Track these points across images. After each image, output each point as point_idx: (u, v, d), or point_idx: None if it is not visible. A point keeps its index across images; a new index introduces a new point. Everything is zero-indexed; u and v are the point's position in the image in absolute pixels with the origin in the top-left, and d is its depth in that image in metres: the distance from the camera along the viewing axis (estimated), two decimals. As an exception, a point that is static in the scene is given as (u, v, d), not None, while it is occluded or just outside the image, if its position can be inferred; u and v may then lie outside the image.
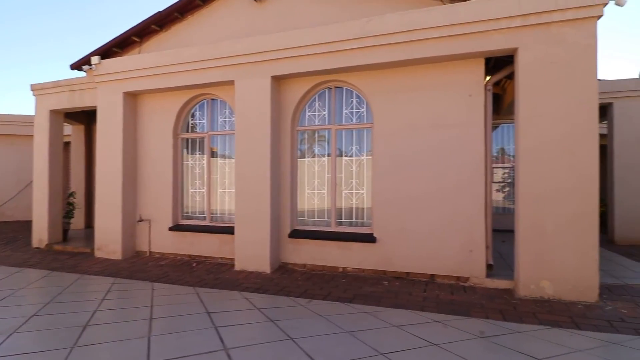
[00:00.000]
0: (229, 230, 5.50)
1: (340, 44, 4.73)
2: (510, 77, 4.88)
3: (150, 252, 6.15)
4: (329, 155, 5.34)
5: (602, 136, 8.08)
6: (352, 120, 5.24)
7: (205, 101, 6.07)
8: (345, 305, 3.68)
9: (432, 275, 4.61)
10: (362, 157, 5.20)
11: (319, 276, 4.83)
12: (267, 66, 5.16)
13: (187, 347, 2.64)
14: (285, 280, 4.64)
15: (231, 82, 5.44)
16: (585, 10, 3.88)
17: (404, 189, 4.72)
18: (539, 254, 3.92)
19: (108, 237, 6.06)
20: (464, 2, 4.42)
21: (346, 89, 5.27)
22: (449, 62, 4.58)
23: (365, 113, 5.16)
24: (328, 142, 5.37)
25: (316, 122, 5.42)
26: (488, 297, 3.94)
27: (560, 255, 3.85)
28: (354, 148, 5.24)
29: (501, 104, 7.58)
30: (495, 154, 9.23)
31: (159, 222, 6.11)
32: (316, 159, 5.45)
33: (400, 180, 4.75)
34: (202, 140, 6.12)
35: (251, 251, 5.15)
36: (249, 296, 3.98)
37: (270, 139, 5.13)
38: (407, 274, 4.71)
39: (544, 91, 4.00)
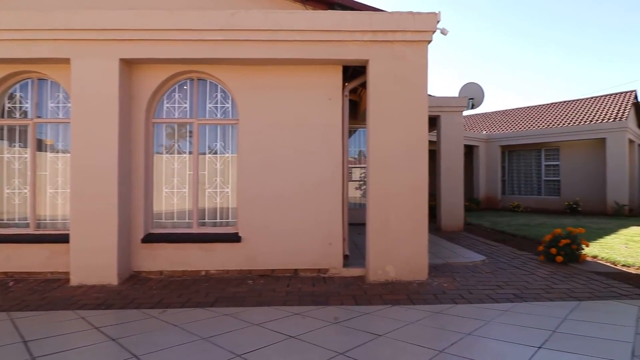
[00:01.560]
0: (63, 239, 4.56)
1: (203, 32, 4.44)
2: (365, 85, 5.43)
3: (-60, 274, 4.65)
4: (190, 151, 4.97)
5: (433, 143, 9.78)
6: (216, 115, 5.00)
7: (29, 80, 4.91)
8: (205, 310, 3.46)
9: (296, 270, 4.76)
10: (227, 155, 5.01)
11: (178, 282, 4.45)
12: (116, 46, 4.49)
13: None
14: (137, 291, 4.11)
15: (66, 61, 4.53)
16: (419, 34, 4.58)
17: (269, 187, 4.75)
18: (385, 242, 4.46)
19: None
20: (325, 11, 4.71)
21: (210, 81, 5.00)
22: (312, 65, 4.81)
23: (230, 109, 4.99)
24: (190, 137, 5.00)
25: (176, 115, 4.98)
26: (344, 285, 4.28)
27: (401, 242, 4.46)
28: (218, 144, 5.01)
29: (358, 110, 8.40)
30: (355, 156, 10.18)
31: (-45, 233, 4.67)
32: (176, 155, 5.01)
33: (266, 178, 4.75)
34: (24, 128, 4.94)
35: (93, 261, 4.38)
36: (86, 315, 3.37)
37: (119, 130, 4.47)
38: (272, 270, 4.75)
39: (388, 100, 4.57)
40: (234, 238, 4.71)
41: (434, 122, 9.27)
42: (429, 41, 4.64)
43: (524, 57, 61.68)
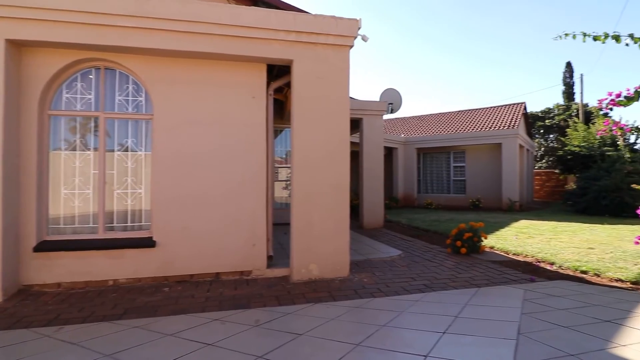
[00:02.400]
0: None
1: (111, 17, 4.02)
2: (290, 85, 5.43)
3: None
4: (96, 148, 4.48)
5: (356, 144, 10.19)
6: (127, 109, 4.57)
7: None
8: (111, 324, 3.14)
9: (218, 274, 4.58)
10: (140, 152, 4.62)
11: (80, 295, 3.97)
12: (1, 25, 3.84)
13: None
14: (27, 308, 3.57)
15: None
16: (341, 38, 4.72)
17: (188, 187, 4.49)
18: (309, 241, 4.52)
19: None
20: (249, 7, 4.61)
21: (120, 72, 4.55)
22: (235, 62, 4.66)
23: (144, 102, 4.60)
24: (96, 133, 4.49)
25: (78, 107, 4.44)
26: (267, 286, 4.23)
27: (324, 241, 4.56)
28: (130, 141, 4.59)
29: (285, 110, 8.39)
30: (283, 156, 10.15)
31: None
32: (78, 152, 4.46)
33: (184, 177, 4.49)
34: None
35: (-33, 276, 3.70)
36: (-44, 340, 2.83)
37: (3, 123, 3.84)
38: (192, 276, 4.50)
39: (312, 101, 4.63)
40: (148, 243, 4.35)
41: (357, 125, 9.67)
42: (351, 46, 4.81)
43: (438, 67, 67.81)
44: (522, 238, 7.34)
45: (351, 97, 9.78)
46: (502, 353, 2.36)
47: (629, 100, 3.83)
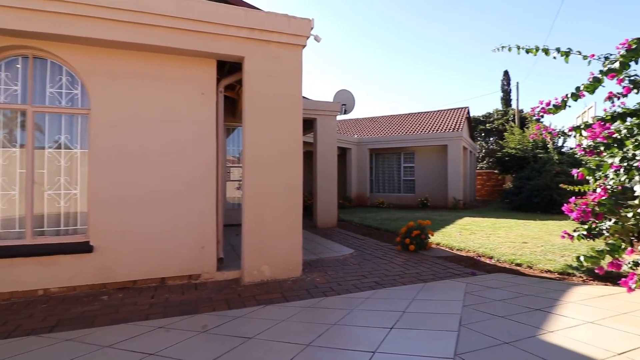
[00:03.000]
0: None
1: (40, 1, 3.67)
2: (242, 83, 5.30)
3: None
4: (23, 145, 4.06)
5: (310, 144, 10.22)
6: (60, 102, 4.19)
7: None
8: (40, 337, 2.85)
9: (163, 279, 4.35)
10: (75, 150, 4.26)
11: (3, 308, 3.57)
12: None
13: None
14: None
15: None
16: (294, 38, 4.70)
17: (130, 188, 4.22)
18: (260, 242, 4.44)
19: None
20: (199, 0, 4.43)
21: (52, 62, 4.16)
22: (182, 56, 4.45)
23: (79, 96, 4.25)
24: (22, 128, 4.07)
25: (1, 99, 3.99)
26: (217, 290, 4.09)
27: (276, 241, 4.50)
28: (63, 138, 4.22)
29: (237, 108, 8.19)
30: (236, 155, 9.90)
31: None
32: (1, 149, 4.02)
33: (126, 177, 4.21)
34: None
35: None
36: None
37: None
38: (134, 282, 4.23)
39: (264, 100, 4.56)
40: (84, 248, 4.02)
41: (310, 125, 9.70)
42: (304, 46, 4.80)
43: (388, 70, 70.14)
44: (465, 234, 7.79)
45: (305, 97, 9.81)
46: (444, 344, 2.48)
47: (557, 108, 4.20)
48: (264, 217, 4.48)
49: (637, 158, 3.18)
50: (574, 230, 3.79)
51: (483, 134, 30.34)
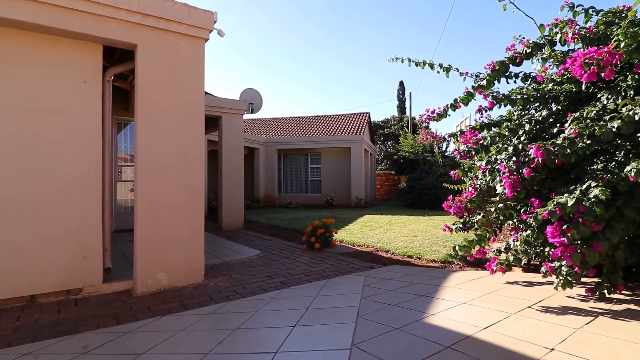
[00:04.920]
0: None
1: None
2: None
3: None
4: None
5: (216, 143, 9.79)
6: None
7: None
8: None
9: (33, 297, 3.69)
10: None
11: None
12: None
13: None
14: None
15: None
16: (196, 30, 4.44)
17: (-14, 190, 3.48)
18: (156, 248, 4.08)
19: None
20: (78, -26, 3.87)
21: None
22: (59, 37, 3.84)
23: None
24: None
25: None
26: (104, 305, 3.63)
27: (175, 246, 4.20)
28: None
29: (131, 101, 7.41)
30: (131, 153, 8.93)
31: None
32: None
33: (-21, 177, 3.46)
34: None
35: None
36: None
37: None
38: (-9, 303, 3.51)
39: (160, 93, 4.21)
40: None
41: (216, 123, 9.30)
42: (206, 39, 4.58)
43: (297, 74, 71.27)
44: (365, 231, 8.34)
45: (209, 94, 9.36)
46: (342, 336, 2.60)
47: (440, 116, 4.79)
48: (161, 221, 4.13)
49: (498, 161, 3.81)
50: (453, 224, 4.37)
51: (382, 138, 32.95)
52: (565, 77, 3.67)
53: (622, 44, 2.92)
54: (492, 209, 3.50)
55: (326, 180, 17.40)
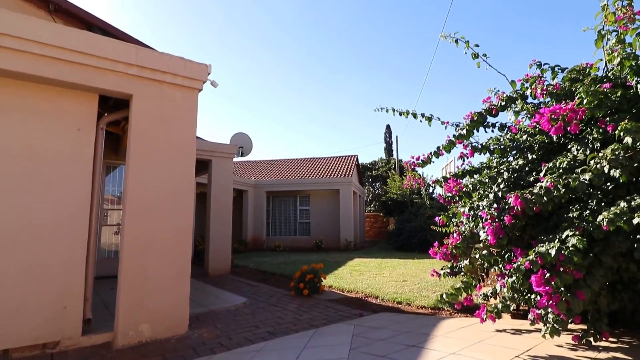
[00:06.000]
0: None
1: None
2: (128, 119, 4.93)
3: None
4: None
5: (205, 185, 9.83)
6: None
7: None
8: None
9: (6, 351, 3.50)
10: None
11: None
12: None
13: None
14: None
15: None
16: (190, 81, 4.65)
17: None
18: (140, 296, 3.97)
19: None
20: (81, 31, 4.11)
21: None
22: (56, 87, 3.98)
23: None
24: None
25: None
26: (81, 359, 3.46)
27: (159, 294, 4.09)
28: None
29: (121, 145, 7.50)
30: (118, 194, 8.87)
31: None
32: None
33: (-38, 225, 3.40)
34: None
35: None
36: None
37: None
38: (-40, 359, 3.31)
39: (153, 140, 4.31)
40: None
41: (206, 166, 9.40)
42: (200, 89, 4.78)
43: (287, 118, 73.11)
44: (355, 275, 8.24)
45: (200, 138, 9.55)
46: (332, 392, 2.53)
47: (424, 163, 4.99)
48: (145, 267, 4.05)
49: (480, 208, 3.94)
50: (441, 269, 4.40)
51: (370, 180, 33.43)
52: (537, 129, 3.93)
53: (585, 101, 3.18)
54: (477, 256, 3.57)
55: (315, 222, 17.35)
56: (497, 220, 3.40)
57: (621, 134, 2.74)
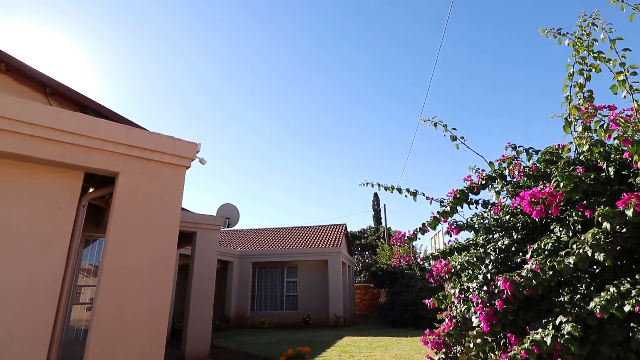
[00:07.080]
0: None
1: None
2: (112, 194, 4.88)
3: None
4: None
5: (188, 257, 9.48)
6: None
7: None
8: None
9: None
10: None
11: None
12: None
13: None
14: None
15: None
16: (178, 159, 4.72)
17: None
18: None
19: None
20: (73, 112, 4.24)
21: None
22: (39, 165, 3.98)
23: None
24: None
25: None
26: None
27: (125, 390, 3.67)
28: None
29: (103, 218, 7.34)
30: (95, 265, 8.45)
31: None
32: None
33: None
34: None
35: None
36: None
37: None
38: None
39: (136, 216, 4.22)
40: None
41: (190, 238, 9.16)
42: (188, 167, 4.84)
43: (272, 185, 73.87)
44: (344, 358, 7.66)
45: (186, 209, 9.44)
46: None
47: (410, 239, 4.95)
48: (114, 353, 3.69)
49: (470, 289, 3.82)
50: (436, 354, 4.12)
51: (359, 249, 32.95)
52: (519, 209, 4.00)
53: (562, 184, 3.29)
54: (471, 345, 3.37)
55: (303, 295, 16.58)
56: (488, 304, 3.27)
57: (599, 219, 2.79)
